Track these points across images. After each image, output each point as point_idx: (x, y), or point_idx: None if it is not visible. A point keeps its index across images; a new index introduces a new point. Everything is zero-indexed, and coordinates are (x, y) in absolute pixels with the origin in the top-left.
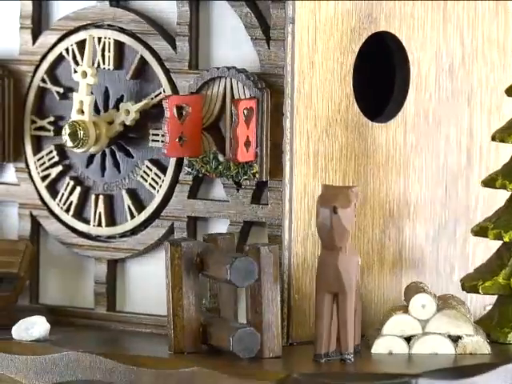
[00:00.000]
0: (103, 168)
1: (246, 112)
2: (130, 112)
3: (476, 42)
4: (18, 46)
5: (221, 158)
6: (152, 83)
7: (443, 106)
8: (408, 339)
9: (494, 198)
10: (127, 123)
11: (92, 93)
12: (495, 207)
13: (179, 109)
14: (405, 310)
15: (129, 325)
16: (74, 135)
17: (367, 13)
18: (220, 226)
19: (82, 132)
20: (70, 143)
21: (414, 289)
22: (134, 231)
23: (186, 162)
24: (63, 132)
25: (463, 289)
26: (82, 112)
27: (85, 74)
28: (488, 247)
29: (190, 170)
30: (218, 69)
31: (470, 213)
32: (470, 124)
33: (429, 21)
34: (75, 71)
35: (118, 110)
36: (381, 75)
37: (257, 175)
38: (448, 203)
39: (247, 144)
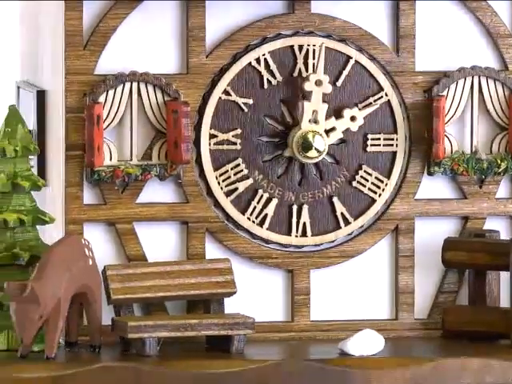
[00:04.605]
0: (300, 177)
1: None
2: (356, 118)
3: None
4: (184, 60)
5: (484, 156)
6: (367, 87)
7: None
8: None
9: None
10: (354, 129)
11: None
12: None
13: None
14: None
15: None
16: (319, 146)
17: None
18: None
19: (324, 142)
20: (314, 153)
21: None
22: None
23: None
24: (299, 142)
25: None
26: (316, 122)
27: (320, 83)
28: None
29: (440, 171)
30: (469, 69)
31: None
32: None
33: None
34: (269, 81)
35: (337, 117)
36: None
37: None
38: None
39: None
